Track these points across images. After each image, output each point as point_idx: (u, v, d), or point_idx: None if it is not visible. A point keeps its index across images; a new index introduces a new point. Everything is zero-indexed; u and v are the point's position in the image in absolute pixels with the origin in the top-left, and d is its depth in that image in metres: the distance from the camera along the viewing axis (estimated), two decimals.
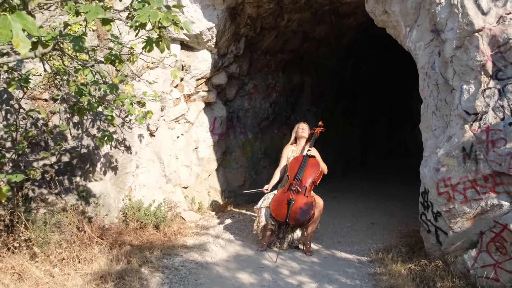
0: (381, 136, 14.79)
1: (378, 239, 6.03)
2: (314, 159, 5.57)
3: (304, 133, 5.79)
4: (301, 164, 5.50)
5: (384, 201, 8.68)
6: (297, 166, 5.51)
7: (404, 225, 6.80)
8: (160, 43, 2.77)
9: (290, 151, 5.80)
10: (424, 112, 4.59)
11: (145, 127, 6.45)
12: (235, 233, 5.98)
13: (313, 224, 5.28)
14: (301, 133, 5.79)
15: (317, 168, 5.48)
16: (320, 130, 6.01)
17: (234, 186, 8.21)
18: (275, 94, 8.94)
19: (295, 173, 5.44)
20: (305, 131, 5.80)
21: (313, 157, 5.58)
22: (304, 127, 5.84)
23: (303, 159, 5.55)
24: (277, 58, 8.61)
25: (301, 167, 5.46)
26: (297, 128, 5.90)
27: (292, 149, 5.82)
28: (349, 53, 10.57)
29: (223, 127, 7.95)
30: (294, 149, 5.81)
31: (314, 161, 5.55)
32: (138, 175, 6.29)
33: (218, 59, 7.21)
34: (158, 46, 2.80)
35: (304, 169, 5.46)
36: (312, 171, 5.48)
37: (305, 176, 5.42)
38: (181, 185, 7.24)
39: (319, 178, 5.58)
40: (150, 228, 5.88)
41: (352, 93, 11.99)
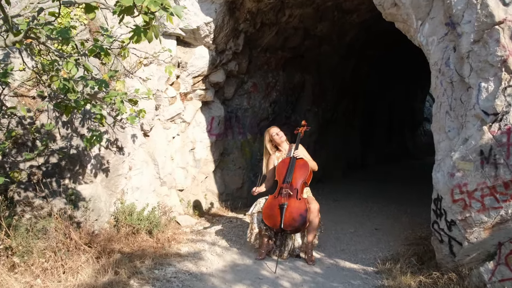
0: (381, 137, 14.49)
1: (383, 246, 5.71)
2: (302, 159, 5.25)
3: (281, 137, 5.42)
4: (288, 166, 5.18)
5: (387, 205, 8.36)
6: (285, 169, 5.19)
7: (409, 230, 6.47)
8: (147, 31, 2.44)
9: (275, 159, 5.45)
10: (437, 112, 4.26)
11: (139, 126, 6.12)
12: (232, 239, 5.65)
13: (313, 231, 4.95)
14: (279, 139, 5.41)
15: (306, 169, 5.17)
16: (304, 129, 5.65)
17: (232, 189, 7.89)
18: (275, 93, 8.62)
19: (284, 176, 5.13)
20: (281, 135, 5.43)
21: (300, 158, 5.25)
22: (277, 132, 5.44)
23: (290, 160, 5.22)
24: (277, 55, 8.28)
25: (289, 170, 5.15)
26: (269, 136, 5.47)
27: (277, 155, 5.47)
28: (351, 52, 10.25)
29: (221, 127, 7.63)
30: (279, 155, 5.47)
31: (302, 161, 5.23)
32: (131, 178, 5.96)
33: (216, 56, 6.88)
34: (145, 35, 2.46)
35: (293, 171, 5.14)
36: (301, 172, 5.16)
37: (294, 178, 5.10)
38: (177, 187, 6.91)
39: (310, 178, 5.27)
40: (142, 233, 5.56)
41: (353, 93, 11.68)
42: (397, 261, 4.81)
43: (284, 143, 5.43)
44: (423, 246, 5.42)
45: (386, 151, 14.62)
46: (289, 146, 5.40)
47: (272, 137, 5.43)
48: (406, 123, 16.39)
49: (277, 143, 5.41)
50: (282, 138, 5.39)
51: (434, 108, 4.33)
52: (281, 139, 5.38)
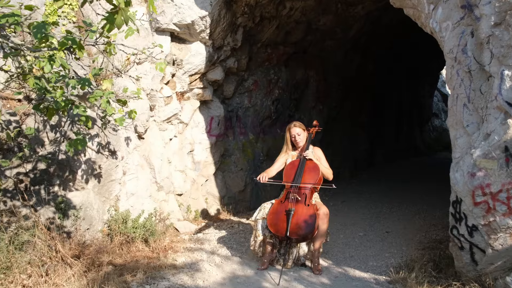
0: (389, 134, 14.05)
1: (395, 252, 5.30)
2: (312, 162, 4.83)
3: (301, 141, 4.93)
4: (297, 168, 4.77)
5: (398, 205, 7.95)
6: (293, 171, 4.78)
7: (423, 233, 6.07)
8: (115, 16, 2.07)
9: (290, 157, 5.03)
10: (453, 106, 3.86)
11: (132, 129, 5.78)
12: (233, 247, 5.27)
13: (321, 238, 4.56)
14: (300, 143, 4.94)
15: (316, 172, 4.75)
16: (315, 130, 5.18)
17: (234, 192, 7.51)
18: (278, 91, 8.23)
19: (292, 179, 4.72)
20: (301, 137, 4.93)
21: (310, 160, 4.84)
22: (299, 133, 4.93)
23: (299, 162, 4.82)
24: (279, 51, 7.89)
25: (298, 173, 4.73)
26: (289, 133, 4.99)
27: (292, 154, 5.04)
28: (356, 46, 9.84)
29: (220, 127, 7.25)
30: (294, 154, 5.04)
31: (312, 164, 4.81)
32: (125, 183, 5.62)
33: (213, 52, 6.51)
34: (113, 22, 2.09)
35: (302, 174, 4.73)
36: (311, 175, 4.74)
37: (303, 182, 4.70)
38: (175, 192, 6.55)
39: (320, 183, 4.84)
40: (138, 242, 5.21)
41: (359, 90, 11.25)
42: (411, 269, 4.41)
43: (302, 143, 4.98)
44: (439, 251, 5.02)
45: (394, 148, 14.18)
46: (303, 146, 5.00)
47: (291, 135, 4.96)
48: (415, 119, 15.92)
49: (296, 144, 4.99)
50: (301, 142, 4.93)
51: (449, 101, 3.93)
52: (300, 143, 4.94)
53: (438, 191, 9.13)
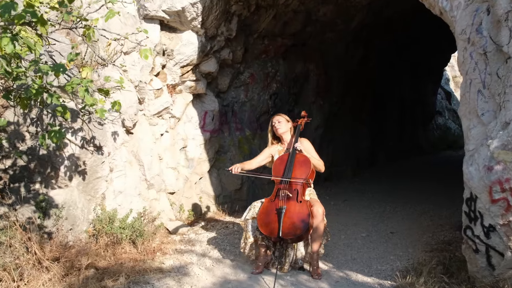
0: (392, 132, 13.65)
1: (401, 254, 4.92)
2: (302, 154, 4.45)
3: (281, 128, 4.60)
4: (287, 163, 4.39)
5: (402, 205, 7.57)
6: (282, 166, 4.40)
7: (430, 234, 5.70)
8: None
9: (276, 151, 4.69)
10: (465, 93, 3.48)
11: (120, 123, 5.42)
12: (226, 249, 4.90)
13: (319, 238, 4.18)
14: (279, 130, 4.61)
15: (307, 165, 4.37)
16: (304, 121, 4.79)
17: (229, 191, 7.14)
18: (276, 85, 7.85)
19: (282, 175, 4.35)
20: (282, 125, 4.60)
21: (300, 153, 4.48)
22: (280, 120, 4.63)
23: (288, 156, 4.44)
24: (276, 42, 7.52)
25: (288, 167, 4.35)
26: (270, 125, 4.71)
27: (278, 149, 4.69)
28: (358, 39, 9.46)
29: (215, 122, 6.88)
30: (281, 149, 4.69)
31: (302, 157, 4.43)
32: (112, 180, 5.27)
33: (206, 42, 6.14)
34: None
35: (292, 168, 4.35)
36: (302, 169, 4.36)
37: (294, 177, 4.31)
38: (167, 190, 6.18)
39: (313, 176, 4.48)
40: (124, 244, 4.87)
41: (361, 86, 10.86)
42: (419, 273, 4.03)
43: (286, 134, 4.64)
44: (448, 253, 4.66)
45: (397, 147, 13.78)
46: (291, 140, 4.64)
47: (273, 125, 4.66)
48: (418, 117, 15.51)
49: (278, 134, 4.65)
50: (281, 129, 4.61)
51: (462, 88, 3.55)
52: (280, 131, 4.60)
53: (444, 190, 8.78)
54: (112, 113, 5.28)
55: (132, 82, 5.58)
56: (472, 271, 3.52)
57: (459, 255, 4.36)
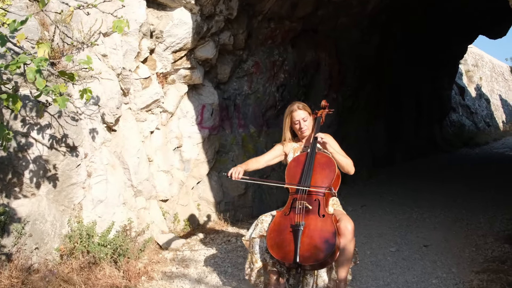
0: (408, 130, 12.69)
1: (445, 276, 3.96)
2: (324, 154, 3.48)
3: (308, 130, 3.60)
4: (304, 166, 3.40)
5: (429, 210, 6.61)
6: (299, 170, 3.42)
7: (473, 248, 4.75)
8: None
9: (291, 149, 3.71)
10: None
11: (99, 118, 4.51)
12: (227, 272, 3.95)
13: (347, 262, 3.21)
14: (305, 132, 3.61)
15: (331, 169, 3.38)
16: (325, 112, 3.78)
17: (232, 196, 6.20)
18: (283, 75, 6.91)
19: (298, 181, 3.36)
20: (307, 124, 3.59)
21: (321, 152, 3.50)
22: (305, 117, 3.58)
23: (306, 157, 3.45)
24: (284, 26, 6.58)
25: (306, 171, 3.36)
26: (290, 119, 3.64)
27: (294, 146, 3.70)
28: (374, 26, 8.51)
29: (215, 118, 5.95)
30: (297, 146, 3.70)
31: (324, 157, 3.45)
32: (90, 187, 4.37)
33: (202, 22, 5.21)
34: None
35: (311, 172, 3.36)
36: (324, 174, 3.37)
37: (314, 183, 3.34)
38: (158, 197, 5.26)
39: (338, 183, 3.48)
40: (104, 264, 3.97)
41: (376, 78, 9.89)
42: None
43: (306, 131, 3.63)
44: (505, 275, 3.71)
45: (413, 144, 12.82)
46: (310, 135, 3.67)
47: (292, 119, 3.63)
48: (434, 112, 14.53)
49: (301, 136, 3.67)
50: (307, 130, 3.61)
51: None
52: (306, 132, 3.61)
53: (470, 192, 7.82)
54: (89, 106, 4.39)
55: (114, 69, 4.67)
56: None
57: None
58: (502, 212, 5.94)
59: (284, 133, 3.71)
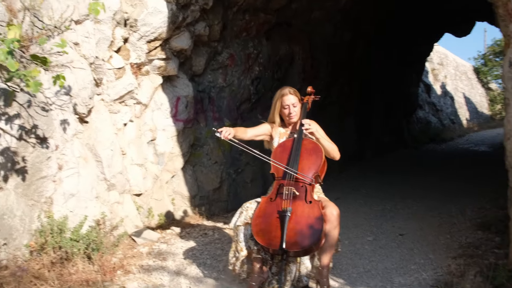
0: (377, 126, 12.87)
1: (422, 262, 4.02)
2: (310, 141, 3.47)
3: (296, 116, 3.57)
4: (291, 152, 3.38)
5: (402, 202, 6.72)
6: (285, 155, 3.39)
7: (447, 235, 4.84)
8: None
9: (277, 133, 3.67)
10: None
11: (71, 108, 4.34)
12: (207, 264, 3.88)
13: (330, 248, 3.21)
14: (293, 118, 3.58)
15: (318, 155, 3.37)
16: (312, 98, 3.78)
17: (207, 190, 6.12)
18: (258, 68, 6.87)
19: (285, 167, 3.34)
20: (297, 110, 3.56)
21: (308, 139, 3.48)
22: (295, 103, 3.56)
23: (293, 143, 3.43)
24: (259, 19, 6.54)
25: (293, 157, 3.34)
26: (280, 103, 3.59)
27: (281, 131, 3.68)
28: (347, 21, 8.57)
29: (189, 110, 5.84)
30: (284, 131, 3.68)
31: (311, 144, 3.43)
32: (62, 181, 4.20)
33: (178, 12, 5.11)
34: None
35: (298, 158, 3.34)
36: (311, 160, 3.36)
37: (301, 169, 3.32)
38: (132, 192, 5.12)
39: (324, 170, 3.47)
40: (77, 260, 3.83)
41: (348, 74, 9.98)
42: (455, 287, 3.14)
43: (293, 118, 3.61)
44: (480, 259, 3.79)
45: (383, 140, 13.02)
46: (296, 123, 3.64)
47: (282, 103, 3.58)
48: (402, 109, 14.80)
49: (288, 122, 3.64)
50: (296, 117, 3.58)
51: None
52: (294, 118, 3.58)
53: (440, 184, 8.02)
54: (60, 96, 4.22)
55: (86, 58, 4.50)
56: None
57: (500, 262, 3.49)
58: (472, 202, 6.09)
59: (273, 116, 3.66)
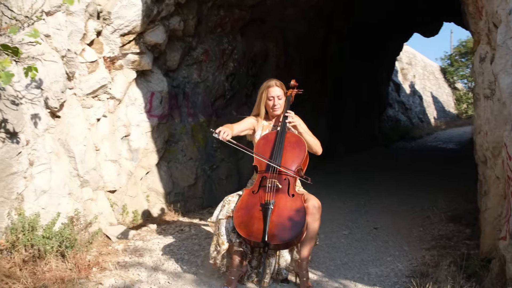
0: (348, 123, 13.04)
1: (397, 254, 4.10)
2: (293, 134, 3.49)
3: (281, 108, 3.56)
4: (274, 144, 3.38)
5: (375, 196, 6.86)
6: (269, 148, 3.39)
7: (419, 228, 4.96)
8: None
9: (260, 126, 3.66)
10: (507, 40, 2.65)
11: (42, 102, 4.22)
12: (184, 259, 3.84)
13: (310, 241, 3.23)
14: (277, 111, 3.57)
15: (301, 148, 3.39)
16: (295, 92, 3.77)
17: (182, 187, 6.06)
18: (233, 64, 6.85)
19: (268, 159, 3.33)
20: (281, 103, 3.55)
21: (291, 132, 3.50)
22: (280, 95, 3.55)
23: (276, 136, 3.43)
24: (233, 14, 6.52)
25: (276, 150, 3.34)
26: (266, 94, 3.56)
27: (264, 124, 3.67)
28: (320, 19, 8.64)
29: (164, 106, 5.78)
30: (267, 124, 3.68)
31: (294, 137, 3.46)
32: (33, 177, 4.08)
33: (152, 5, 5.03)
34: None
35: (282, 151, 3.34)
36: (294, 153, 3.37)
37: (284, 162, 3.32)
38: (106, 188, 5.03)
39: (306, 163, 3.49)
40: (51, 258, 3.72)
41: (321, 71, 10.06)
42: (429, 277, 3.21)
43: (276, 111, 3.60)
44: (453, 251, 3.89)
45: (354, 137, 13.20)
46: (279, 116, 3.64)
47: (267, 98, 3.56)
48: (373, 107, 15.04)
49: (272, 114, 3.62)
50: (280, 109, 3.57)
51: (500, 36, 2.72)
52: (278, 111, 3.57)
53: (414, 180, 8.18)
54: (31, 90, 4.09)
55: (58, 51, 4.38)
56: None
57: (475, 252, 3.59)
58: (443, 196, 6.23)
59: (258, 107, 3.64)
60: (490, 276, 3.02)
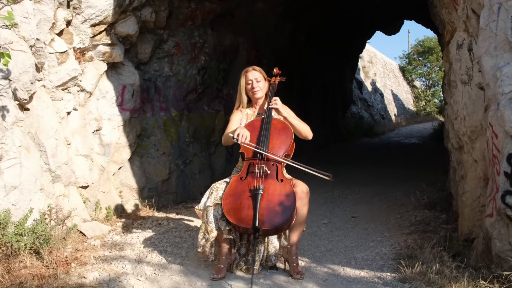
0: (315, 120, 13.16)
1: (379, 239, 4.15)
2: (279, 120, 3.44)
3: (260, 91, 3.51)
4: (261, 131, 3.33)
5: (349, 188, 6.94)
6: (255, 135, 3.33)
7: (397, 215, 5.05)
8: None
9: (244, 116, 3.60)
10: (490, 23, 2.72)
11: (10, 94, 4.01)
12: (168, 251, 3.74)
13: (299, 226, 3.22)
14: (257, 93, 3.51)
15: (287, 134, 3.36)
16: (278, 79, 3.72)
17: (156, 182, 5.92)
18: (204, 57, 6.75)
19: (254, 146, 3.28)
20: (261, 85, 3.50)
21: (276, 118, 3.46)
22: (258, 78, 3.50)
23: (262, 122, 3.38)
24: (204, 7, 6.43)
25: (263, 136, 3.29)
26: (244, 79, 3.55)
27: (248, 113, 3.61)
28: (288, 13, 8.66)
29: (136, 99, 5.63)
30: (251, 113, 3.63)
31: (280, 123, 3.41)
32: (2, 172, 3.88)
33: None
34: None
35: (269, 137, 3.30)
36: (281, 139, 3.33)
37: (272, 148, 3.28)
38: (78, 184, 4.84)
39: (293, 149, 3.45)
40: (24, 255, 3.53)
41: (289, 66, 10.08)
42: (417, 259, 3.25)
43: (261, 99, 3.57)
44: (434, 234, 3.98)
45: (320, 133, 13.33)
46: (263, 102, 3.60)
47: (246, 81, 3.52)
48: (338, 103, 15.25)
49: (254, 98, 3.55)
50: (260, 92, 3.51)
51: (483, 19, 2.79)
52: (258, 94, 3.51)
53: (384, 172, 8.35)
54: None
55: (26, 40, 4.18)
56: (500, 251, 2.77)
57: (456, 234, 3.68)
58: (414, 186, 6.37)
59: (240, 97, 3.58)
60: (475, 254, 3.09)
